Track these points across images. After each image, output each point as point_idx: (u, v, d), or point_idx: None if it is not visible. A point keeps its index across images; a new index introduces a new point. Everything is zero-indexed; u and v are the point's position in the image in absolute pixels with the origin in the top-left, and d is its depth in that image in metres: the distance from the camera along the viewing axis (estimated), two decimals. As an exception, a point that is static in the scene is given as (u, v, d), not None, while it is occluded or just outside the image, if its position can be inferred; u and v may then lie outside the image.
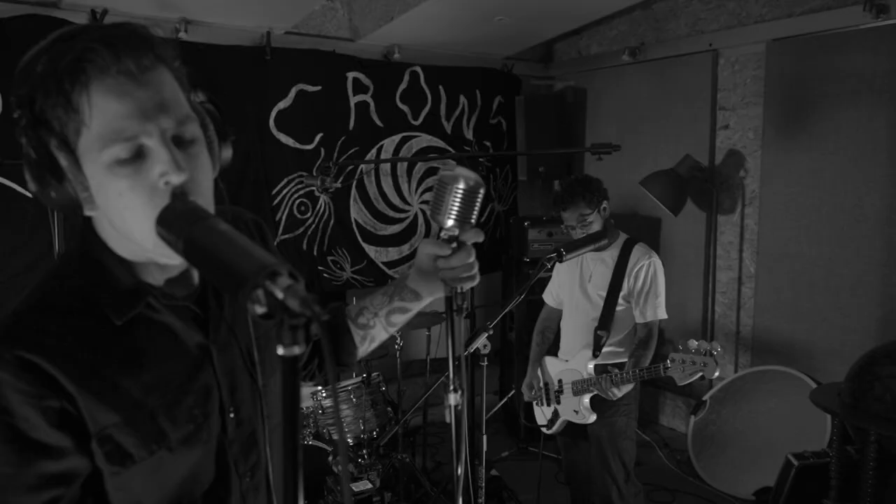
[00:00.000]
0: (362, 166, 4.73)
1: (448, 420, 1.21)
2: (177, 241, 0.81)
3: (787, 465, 3.40)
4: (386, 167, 4.85)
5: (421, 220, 5.08)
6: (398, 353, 3.78)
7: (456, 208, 1.09)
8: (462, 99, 5.15)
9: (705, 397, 4.27)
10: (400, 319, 1.32)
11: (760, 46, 4.19)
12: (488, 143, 5.34)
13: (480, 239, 1.14)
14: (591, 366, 2.95)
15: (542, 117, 5.06)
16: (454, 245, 1.14)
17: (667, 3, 4.68)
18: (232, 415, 1.03)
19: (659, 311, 2.97)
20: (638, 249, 3.02)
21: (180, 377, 0.97)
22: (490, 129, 5.33)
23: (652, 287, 2.97)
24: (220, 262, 0.75)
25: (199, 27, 4.06)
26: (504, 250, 5.16)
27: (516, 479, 3.83)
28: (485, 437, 2.54)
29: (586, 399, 2.97)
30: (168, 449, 0.95)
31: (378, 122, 4.78)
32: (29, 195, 3.65)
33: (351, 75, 4.62)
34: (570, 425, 3.09)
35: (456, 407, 1.20)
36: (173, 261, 0.91)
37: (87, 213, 0.89)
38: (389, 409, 3.69)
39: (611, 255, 3.03)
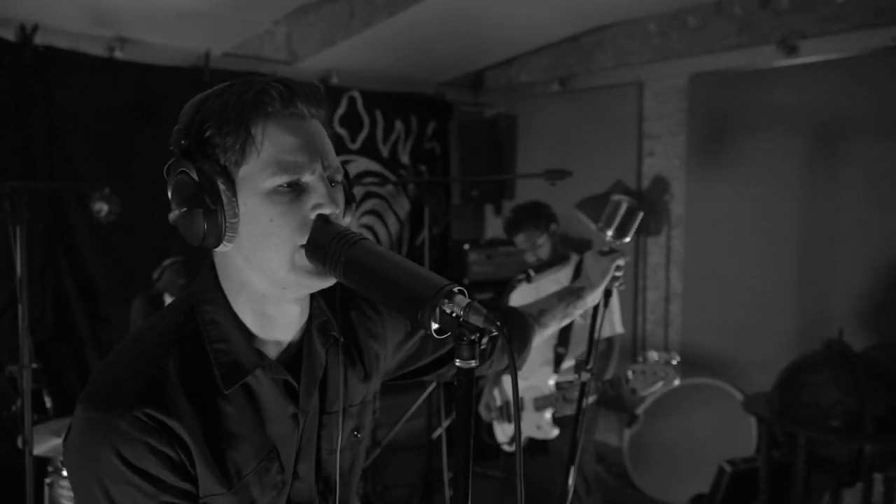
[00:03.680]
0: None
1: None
2: (334, 262, 0.83)
3: (720, 472, 3.60)
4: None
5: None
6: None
7: (617, 223, 1.47)
8: (398, 124, 5.23)
9: (638, 411, 4.46)
10: (563, 322, 1.57)
11: (684, 80, 4.50)
12: (423, 167, 5.43)
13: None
14: (551, 382, 3.05)
15: (474, 142, 5.20)
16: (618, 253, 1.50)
17: (594, 37, 4.92)
18: (295, 477, 1.06)
19: (616, 326, 3.13)
20: None
21: (270, 445, 1.01)
22: (425, 153, 5.44)
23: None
24: (390, 282, 0.78)
25: (135, 46, 3.94)
26: (441, 273, 5.21)
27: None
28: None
29: (548, 414, 3.06)
30: None
31: (316, 146, 4.77)
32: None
33: (290, 98, 4.60)
34: (529, 441, 3.18)
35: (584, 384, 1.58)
36: (299, 292, 0.96)
37: (224, 245, 0.91)
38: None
39: (565, 276, 3.16)
